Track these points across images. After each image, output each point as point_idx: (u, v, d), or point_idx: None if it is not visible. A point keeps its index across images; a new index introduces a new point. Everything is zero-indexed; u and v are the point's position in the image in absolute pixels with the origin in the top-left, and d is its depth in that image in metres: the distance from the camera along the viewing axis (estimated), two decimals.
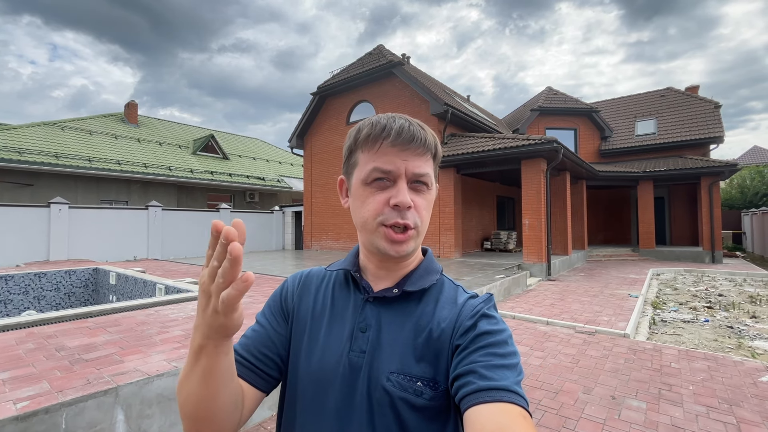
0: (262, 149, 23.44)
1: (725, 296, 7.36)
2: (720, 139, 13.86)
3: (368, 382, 0.61)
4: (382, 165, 0.61)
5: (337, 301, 0.70)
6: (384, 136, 0.61)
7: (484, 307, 0.62)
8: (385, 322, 0.64)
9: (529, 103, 18.33)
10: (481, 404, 0.49)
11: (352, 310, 0.67)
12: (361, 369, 0.61)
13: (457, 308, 0.63)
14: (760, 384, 3.24)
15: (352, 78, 12.48)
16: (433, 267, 0.70)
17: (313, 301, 0.71)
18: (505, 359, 0.55)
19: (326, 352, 0.65)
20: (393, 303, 0.66)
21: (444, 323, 0.62)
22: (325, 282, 0.74)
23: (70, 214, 10.14)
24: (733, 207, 19.47)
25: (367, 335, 0.64)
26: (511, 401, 0.50)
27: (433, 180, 0.65)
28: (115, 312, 3.84)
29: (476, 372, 0.53)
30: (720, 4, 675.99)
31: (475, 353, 0.56)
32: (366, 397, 0.60)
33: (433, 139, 0.65)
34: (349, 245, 12.81)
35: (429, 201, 0.65)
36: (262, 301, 4.52)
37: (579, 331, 4.77)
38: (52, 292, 7.12)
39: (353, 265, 0.71)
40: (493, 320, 0.60)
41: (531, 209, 8.83)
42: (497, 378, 0.52)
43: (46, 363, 2.38)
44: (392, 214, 0.61)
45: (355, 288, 0.69)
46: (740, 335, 4.90)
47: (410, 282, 0.66)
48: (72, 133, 14.25)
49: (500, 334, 0.58)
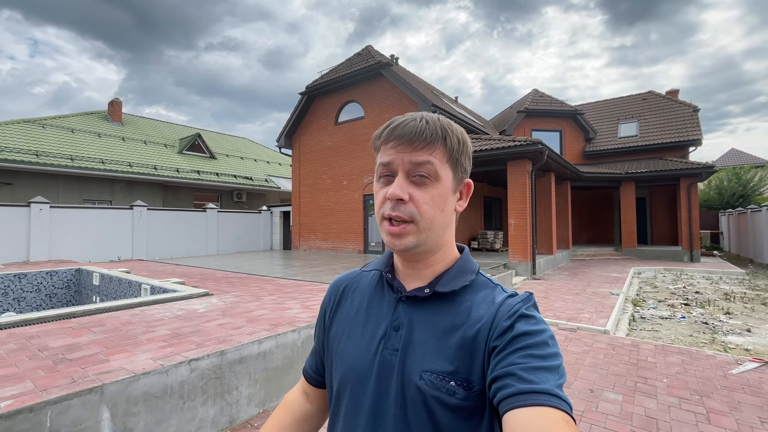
0: (249, 149, 23.24)
1: (702, 294, 7.62)
2: (698, 142, 14.32)
3: (402, 380, 0.61)
4: (383, 159, 0.63)
5: (372, 301, 0.71)
6: (384, 136, 0.64)
7: (523, 307, 0.59)
8: (417, 321, 0.64)
9: (516, 104, 18.60)
10: (521, 408, 0.48)
11: (386, 310, 0.68)
12: (394, 367, 0.62)
13: (494, 308, 0.61)
14: (729, 377, 3.39)
15: (341, 78, 12.49)
16: (469, 267, 0.68)
17: (350, 304, 0.74)
18: (546, 361, 0.52)
19: (362, 351, 0.66)
20: (425, 303, 0.65)
21: (480, 323, 0.60)
22: (360, 284, 0.76)
23: (51, 213, 9.92)
24: (710, 208, 20.07)
25: (400, 333, 0.64)
26: (553, 405, 0.48)
27: (443, 172, 0.63)
28: (99, 312, 3.81)
29: (515, 374, 0.51)
30: (699, 11, 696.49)
31: (514, 355, 0.54)
32: (400, 394, 0.60)
33: (441, 132, 0.62)
34: (338, 245, 12.81)
35: (434, 195, 0.62)
36: (248, 300, 4.52)
37: (561, 328, 4.90)
38: (32, 293, 6.97)
39: (386, 266, 0.72)
40: (533, 320, 0.58)
41: (517, 209, 8.99)
42: (538, 381, 0.50)
43: (29, 363, 2.36)
44: (388, 206, 0.62)
45: (389, 288, 0.70)
46: (714, 331, 5.10)
47: (442, 282, 0.65)
48: (53, 131, 13.92)
49: (540, 335, 0.55)
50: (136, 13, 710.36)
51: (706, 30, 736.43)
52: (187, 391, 2.39)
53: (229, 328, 3.23)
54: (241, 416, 2.69)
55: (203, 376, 2.49)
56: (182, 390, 2.37)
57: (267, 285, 5.79)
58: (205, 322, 3.42)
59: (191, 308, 4.02)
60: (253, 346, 2.83)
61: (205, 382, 2.49)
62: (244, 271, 7.57)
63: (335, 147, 12.98)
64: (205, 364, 2.51)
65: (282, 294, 4.97)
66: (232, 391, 2.65)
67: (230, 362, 2.66)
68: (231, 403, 2.64)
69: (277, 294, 4.98)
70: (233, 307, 4.10)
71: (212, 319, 3.56)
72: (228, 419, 2.61)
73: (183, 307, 4.05)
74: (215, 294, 4.95)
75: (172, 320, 3.49)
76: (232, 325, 3.31)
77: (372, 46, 13.18)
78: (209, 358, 2.54)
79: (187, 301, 4.42)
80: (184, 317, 3.61)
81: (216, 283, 6.07)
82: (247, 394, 2.74)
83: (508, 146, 8.63)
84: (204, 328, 3.21)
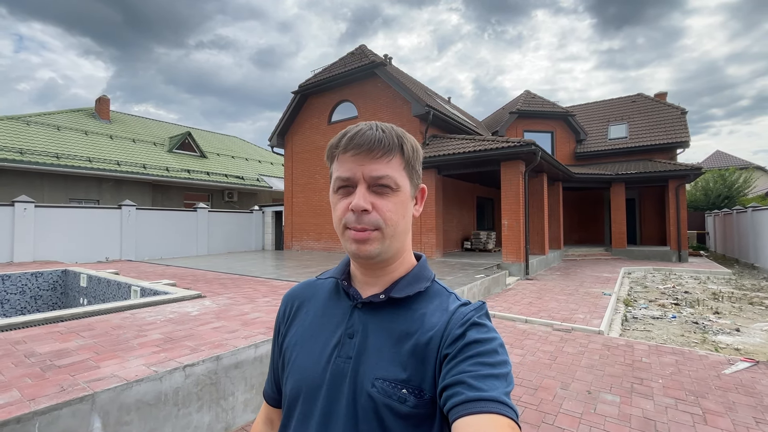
0: (241, 147, 22.99)
1: (691, 293, 7.74)
2: (686, 144, 14.58)
3: (354, 388, 0.60)
4: (342, 173, 0.63)
5: (327, 309, 0.70)
6: (342, 145, 0.63)
7: (475, 315, 0.60)
8: (371, 328, 0.64)
9: (508, 105, 18.72)
10: (470, 415, 0.49)
11: (341, 318, 0.67)
12: (347, 375, 0.61)
13: (447, 316, 0.62)
14: (723, 377, 3.43)
15: (334, 77, 12.42)
16: (424, 274, 0.69)
17: (304, 314, 0.73)
18: (495, 368, 0.54)
19: (315, 359, 0.65)
20: (380, 309, 0.65)
21: (432, 331, 0.61)
22: (316, 292, 0.75)
23: (36, 213, 9.67)
24: (697, 208, 20.46)
25: (354, 341, 0.64)
26: (500, 412, 0.49)
27: (402, 181, 0.64)
28: (88, 315, 3.70)
29: (465, 382, 0.52)
30: (684, 17, 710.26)
31: (464, 363, 0.55)
32: (351, 403, 0.60)
33: (397, 140, 0.63)
34: (331, 246, 12.74)
35: (396, 202, 0.63)
36: (242, 302, 4.45)
37: (556, 329, 4.92)
38: (17, 295, 6.78)
39: (342, 274, 0.71)
40: (484, 328, 0.59)
41: (510, 210, 9.03)
42: (486, 388, 0.51)
43: (16, 370, 2.27)
44: (352, 217, 0.62)
45: (345, 296, 0.70)
46: (704, 330, 5.17)
47: (398, 288, 0.66)
48: (38, 129, 13.58)
49: (490, 343, 0.57)
50: (125, 10, 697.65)
51: (691, 35, 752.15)
52: (181, 398, 2.32)
53: (223, 331, 3.17)
54: (237, 422, 2.63)
55: (198, 382, 2.42)
56: (177, 397, 2.30)
57: (260, 286, 5.71)
58: (199, 326, 3.34)
59: (184, 311, 3.93)
60: (249, 350, 2.77)
61: (200, 388, 2.43)
62: (237, 272, 7.46)
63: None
64: (201, 370, 2.45)
65: (276, 296, 4.90)
66: (227, 397, 2.58)
67: (226, 367, 2.60)
68: (227, 409, 2.58)
69: (271, 296, 4.90)
70: (227, 310, 4.03)
71: (206, 322, 3.49)
72: (223, 425, 2.55)
73: (175, 310, 3.96)
74: (208, 296, 4.86)
75: (165, 324, 3.40)
76: (226, 329, 3.24)
77: (365, 46, 13.13)
78: (205, 364, 2.48)
79: (179, 303, 4.33)
80: (176, 320, 3.53)
81: (208, 284, 5.97)
82: (243, 399, 2.68)
83: (502, 147, 8.66)
84: (198, 332, 3.13)
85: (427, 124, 10.83)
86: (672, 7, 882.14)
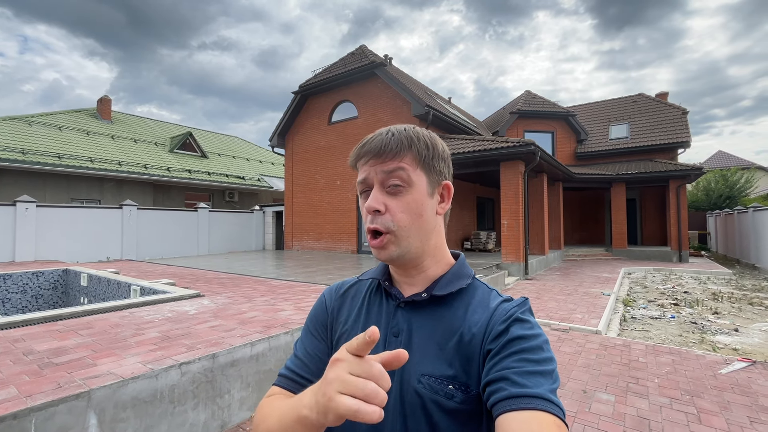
0: (242, 148, 23.05)
1: (690, 294, 7.73)
2: (687, 144, 14.54)
3: (401, 385, 0.61)
4: (359, 177, 0.67)
5: (371, 309, 0.72)
6: (357, 152, 0.67)
7: (518, 311, 0.60)
8: (416, 326, 0.65)
9: (509, 106, 18.72)
10: (514, 411, 0.48)
11: (386, 317, 0.69)
12: (394, 372, 0.61)
13: (489, 312, 0.62)
14: (719, 376, 3.43)
15: (335, 78, 12.44)
16: (464, 272, 0.70)
17: (348, 312, 0.74)
18: (540, 365, 0.53)
19: None
20: (423, 307, 0.67)
21: (475, 327, 0.61)
22: (359, 292, 0.76)
23: (37, 212, 9.72)
24: (698, 209, 20.39)
25: (400, 339, 0.65)
26: (545, 409, 0.48)
27: (415, 178, 0.64)
28: (86, 314, 3.72)
29: (509, 378, 0.52)
30: (685, 18, 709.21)
31: (508, 359, 0.54)
32: (399, 399, 0.61)
33: (407, 140, 0.64)
34: (331, 246, 12.76)
35: (409, 201, 0.63)
36: (240, 301, 4.47)
37: (554, 329, 4.92)
38: (18, 294, 6.82)
39: (383, 274, 0.73)
40: (527, 324, 0.58)
41: (510, 210, 9.03)
42: (531, 385, 0.51)
43: (14, 368, 2.30)
44: (369, 219, 0.64)
45: (387, 296, 0.71)
46: (703, 330, 5.17)
47: (439, 286, 0.66)
48: (40, 129, 13.65)
49: (534, 339, 0.56)
50: (129, 11, 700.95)
51: (692, 36, 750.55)
52: (177, 396, 2.34)
53: (220, 330, 3.19)
54: (233, 420, 2.65)
55: (194, 379, 2.44)
56: (172, 394, 2.32)
57: (259, 286, 5.73)
58: (196, 325, 3.36)
59: (182, 310, 3.95)
60: (245, 348, 2.79)
61: (196, 386, 2.45)
62: (236, 272, 7.49)
63: (329, 147, 12.92)
64: (196, 368, 2.47)
65: (274, 295, 4.92)
66: (223, 395, 2.60)
67: (222, 365, 2.61)
68: (222, 407, 2.60)
69: (269, 295, 4.93)
70: (225, 309, 4.05)
71: (203, 321, 3.51)
72: (219, 423, 2.57)
73: (173, 309, 3.98)
74: (207, 295, 4.88)
75: (163, 322, 3.43)
76: (223, 327, 3.26)
77: (366, 46, 13.15)
78: (200, 362, 2.50)
79: (177, 302, 4.35)
80: (174, 319, 3.55)
81: (207, 284, 6.00)
82: (239, 397, 2.70)
83: (502, 147, 8.67)
84: (195, 331, 3.15)
85: (427, 124, 10.83)
86: (673, 8, 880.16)
